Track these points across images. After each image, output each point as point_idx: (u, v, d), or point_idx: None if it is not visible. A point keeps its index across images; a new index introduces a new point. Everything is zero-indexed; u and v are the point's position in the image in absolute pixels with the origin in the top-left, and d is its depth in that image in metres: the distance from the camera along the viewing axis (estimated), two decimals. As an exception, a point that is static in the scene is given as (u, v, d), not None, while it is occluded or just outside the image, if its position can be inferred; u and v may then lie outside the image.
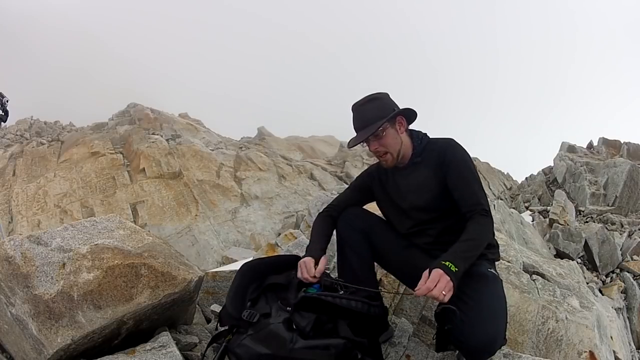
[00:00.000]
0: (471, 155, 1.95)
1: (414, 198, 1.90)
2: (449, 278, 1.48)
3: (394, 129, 1.87)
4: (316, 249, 1.88)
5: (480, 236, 1.69)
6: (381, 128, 1.81)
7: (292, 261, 1.96)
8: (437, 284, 1.47)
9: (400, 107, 1.90)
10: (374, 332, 1.72)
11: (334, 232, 2.07)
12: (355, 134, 1.91)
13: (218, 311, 2.41)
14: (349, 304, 1.62)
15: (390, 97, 1.92)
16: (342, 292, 1.71)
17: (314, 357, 1.48)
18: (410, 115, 1.93)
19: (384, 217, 2.12)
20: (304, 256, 1.85)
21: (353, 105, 1.91)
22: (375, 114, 1.83)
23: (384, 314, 1.74)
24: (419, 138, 1.94)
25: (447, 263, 1.53)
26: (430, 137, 1.99)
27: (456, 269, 1.52)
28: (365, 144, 1.89)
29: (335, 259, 2.25)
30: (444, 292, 1.46)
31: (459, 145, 1.88)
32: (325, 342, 1.50)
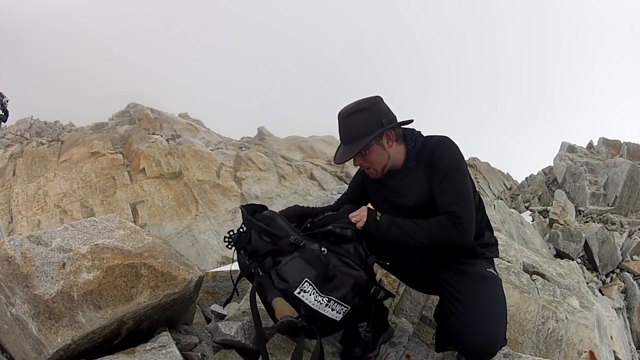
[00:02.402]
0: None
1: (405, 199, 1.86)
2: (365, 211, 1.78)
3: (380, 145, 1.79)
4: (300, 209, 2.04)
5: (428, 227, 1.69)
6: (364, 147, 1.75)
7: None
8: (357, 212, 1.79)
9: (397, 107, 1.84)
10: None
11: None
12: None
13: (217, 310, 2.41)
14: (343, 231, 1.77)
15: (382, 102, 1.83)
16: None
17: (348, 280, 1.65)
18: (403, 123, 1.85)
19: None
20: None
21: (339, 114, 1.83)
22: (361, 130, 1.76)
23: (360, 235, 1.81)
24: (412, 140, 1.86)
25: (378, 213, 1.78)
26: (426, 135, 1.91)
27: (379, 218, 1.76)
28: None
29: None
30: (355, 219, 1.77)
31: (450, 144, 1.79)
32: (353, 272, 1.69)
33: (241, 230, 1.92)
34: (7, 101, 4.53)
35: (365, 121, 1.77)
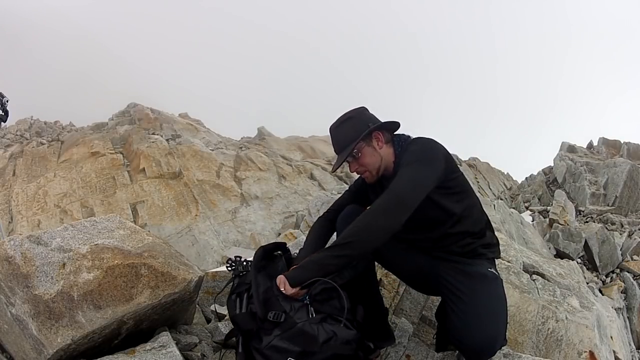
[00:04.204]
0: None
1: None
2: (281, 277, 1.66)
3: (371, 147, 1.83)
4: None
5: (362, 221, 1.61)
6: (356, 150, 1.80)
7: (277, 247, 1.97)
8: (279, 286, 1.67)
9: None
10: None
11: (333, 232, 2.07)
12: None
13: (217, 310, 2.41)
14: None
15: (367, 111, 1.89)
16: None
17: (338, 351, 1.60)
18: (390, 126, 1.89)
19: None
20: (294, 263, 1.81)
21: (329, 129, 1.90)
22: (349, 136, 1.81)
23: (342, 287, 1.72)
24: (399, 144, 1.88)
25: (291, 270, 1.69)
26: (414, 137, 1.91)
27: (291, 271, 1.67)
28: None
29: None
30: (283, 289, 1.64)
31: (425, 142, 1.79)
32: (345, 336, 1.62)
33: (245, 265, 1.86)
34: (7, 101, 4.52)
35: (353, 128, 1.83)
